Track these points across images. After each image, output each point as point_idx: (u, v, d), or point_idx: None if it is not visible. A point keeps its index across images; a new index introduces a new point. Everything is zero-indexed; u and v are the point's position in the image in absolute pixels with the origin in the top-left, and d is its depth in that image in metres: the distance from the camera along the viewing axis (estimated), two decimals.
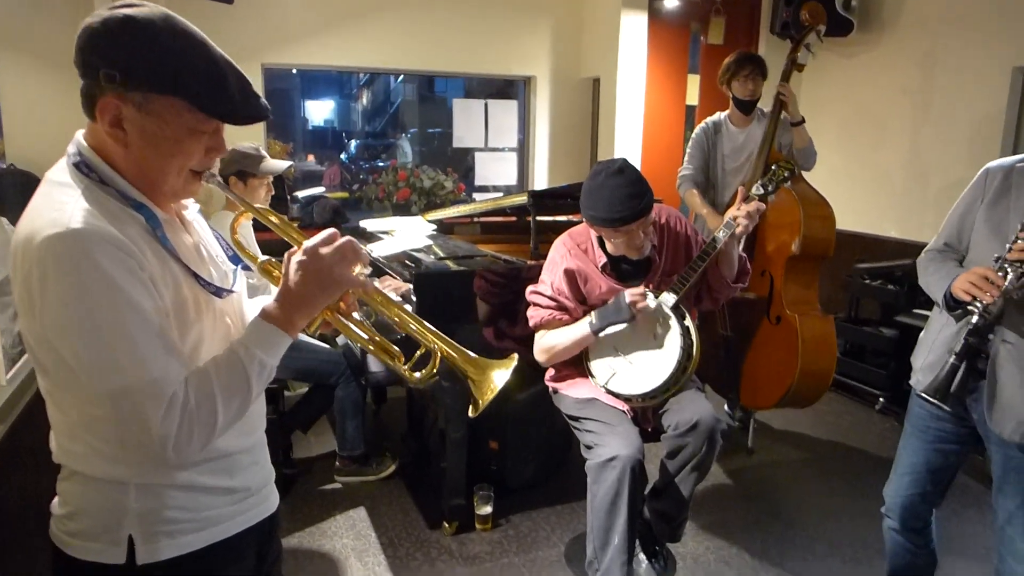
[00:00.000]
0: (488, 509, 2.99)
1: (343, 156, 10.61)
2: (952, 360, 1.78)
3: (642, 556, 2.63)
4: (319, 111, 12.17)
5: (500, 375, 1.27)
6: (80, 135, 1.11)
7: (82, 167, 1.07)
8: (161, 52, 1.03)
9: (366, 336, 1.26)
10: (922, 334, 2.11)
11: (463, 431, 2.90)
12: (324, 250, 1.12)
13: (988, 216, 1.90)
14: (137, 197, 1.09)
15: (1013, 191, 1.86)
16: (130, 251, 1.02)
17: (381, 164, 9.35)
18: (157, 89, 1.03)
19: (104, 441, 1.08)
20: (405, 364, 1.27)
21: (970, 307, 1.77)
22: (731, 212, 2.37)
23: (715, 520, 3.14)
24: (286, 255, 1.15)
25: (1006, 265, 1.72)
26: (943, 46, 4.34)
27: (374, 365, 2.83)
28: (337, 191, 6.12)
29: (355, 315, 1.26)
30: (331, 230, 1.15)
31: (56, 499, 1.17)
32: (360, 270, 1.17)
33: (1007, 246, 1.74)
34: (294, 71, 6.64)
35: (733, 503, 3.32)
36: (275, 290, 1.15)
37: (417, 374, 1.25)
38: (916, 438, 2.08)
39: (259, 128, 4.41)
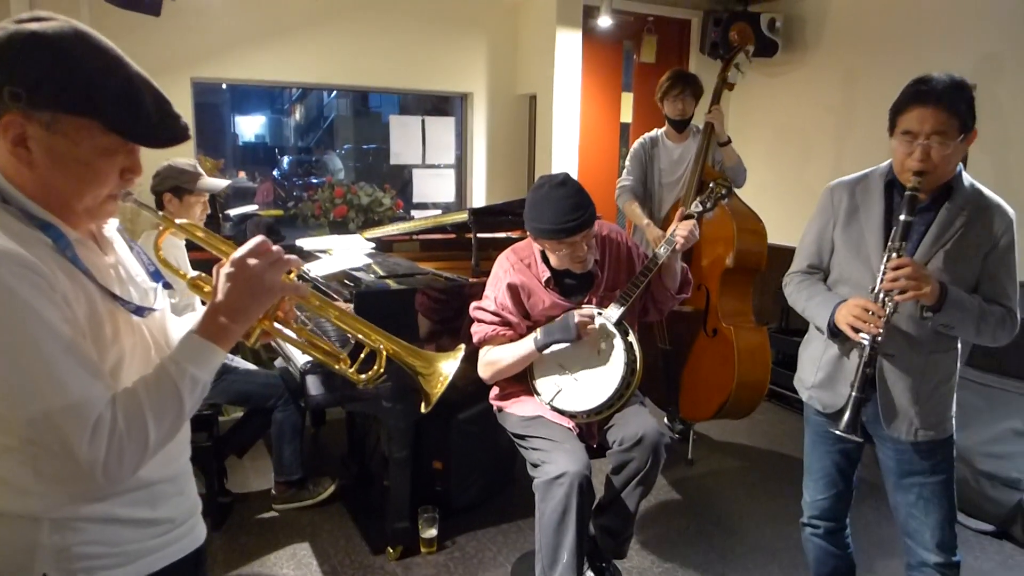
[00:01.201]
0: (433, 531, 2.94)
1: (275, 172, 10.39)
2: (855, 395, 1.88)
3: (589, 573, 2.63)
4: (250, 126, 11.87)
5: (449, 365, 1.27)
6: None
7: None
8: (71, 70, 0.97)
9: (307, 342, 1.24)
10: (802, 351, 2.23)
11: (407, 451, 2.85)
12: (252, 260, 1.09)
13: (845, 238, 2.04)
14: (43, 216, 1.03)
15: (861, 210, 2.01)
16: (39, 270, 0.96)
17: (315, 181, 9.18)
18: (66, 109, 0.98)
19: (13, 473, 1.01)
20: (351, 367, 1.25)
21: (860, 339, 1.87)
22: (671, 229, 2.42)
23: (658, 532, 3.17)
24: (215, 268, 1.12)
25: (882, 295, 1.83)
26: (862, 66, 4.55)
27: (314, 388, 2.75)
28: (270, 208, 5.98)
29: (298, 322, 1.23)
30: (259, 238, 1.12)
31: None
32: (292, 275, 1.15)
33: (878, 277, 1.85)
34: (224, 85, 6.47)
35: (675, 514, 3.35)
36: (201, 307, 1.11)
37: (364, 375, 1.24)
38: (820, 445, 2.18)
39: (189, 144, 4.27)
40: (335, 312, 1.23)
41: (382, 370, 1.22)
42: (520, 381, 2.52)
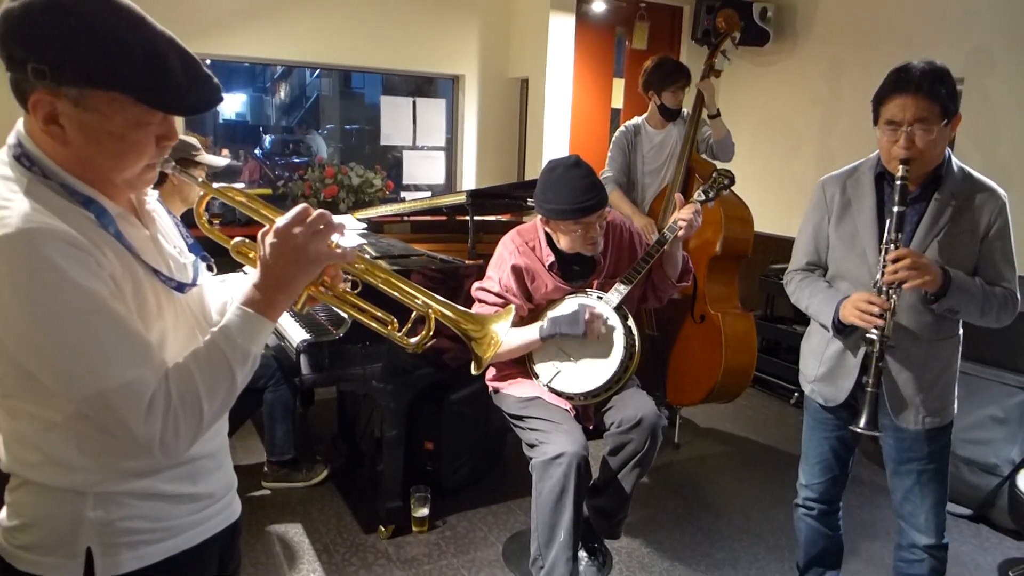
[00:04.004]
0: (425, 511, 2.96)
1: (257, 151, 10.26)
2: (871, 391, 1.90)
3: (582, 553, 2.67)
4: (230, 104, 11.70)
5: (500, 327, 1.27)
6: (21, 124, 1.02)
7: (23, 160, 0.99)
8: (93, 40, 0.93)
9: (355, 307, 1.22)
10: (804, 345, 2.25)
11: (399, 431, 2.86)
12: (296, 229, 1.06)
13: (840, 233, 2.07)
14: (85, 192, 1.01)
15: (853, 204, 2.04)
16: (86, 247, 0.95)
17: (297, 160, 9.08)
18: (93, 83, 0.94)
19: (57, 449, 1.02)
20: (399, 331, 1.24)
21: (868, 335, 1.89)
22: (674, 216, 2.44)
23: (647, 514, 3.22)
24: (259, 235, 1.09)
25: (887, 288, 1.86)
26: (851, 57, 4.59)
27: (308, 367, 2.74)
28: (256, 187, 5.91)
29: (341, 285, 1.21)
30: (302, 205, 1.09)
31: (4, 510, 1.08)
32: (337, 240, 1.11)
33: (877, 270, 1.88)
34: (208, 61, 6.35)
35: (664, 497, 3.40)
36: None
37: (412, 339, 1.22)
38: (819, 431, 2.23)
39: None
40: (382, 275, 1.20)
41: (431, 334, 1.21)
42: (518, 362, 2.54)
